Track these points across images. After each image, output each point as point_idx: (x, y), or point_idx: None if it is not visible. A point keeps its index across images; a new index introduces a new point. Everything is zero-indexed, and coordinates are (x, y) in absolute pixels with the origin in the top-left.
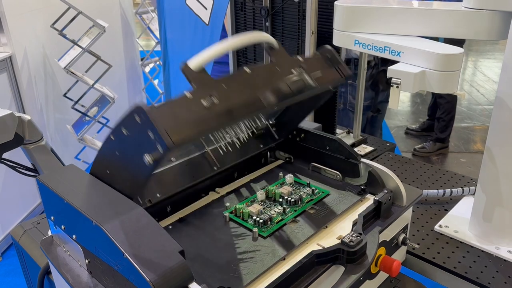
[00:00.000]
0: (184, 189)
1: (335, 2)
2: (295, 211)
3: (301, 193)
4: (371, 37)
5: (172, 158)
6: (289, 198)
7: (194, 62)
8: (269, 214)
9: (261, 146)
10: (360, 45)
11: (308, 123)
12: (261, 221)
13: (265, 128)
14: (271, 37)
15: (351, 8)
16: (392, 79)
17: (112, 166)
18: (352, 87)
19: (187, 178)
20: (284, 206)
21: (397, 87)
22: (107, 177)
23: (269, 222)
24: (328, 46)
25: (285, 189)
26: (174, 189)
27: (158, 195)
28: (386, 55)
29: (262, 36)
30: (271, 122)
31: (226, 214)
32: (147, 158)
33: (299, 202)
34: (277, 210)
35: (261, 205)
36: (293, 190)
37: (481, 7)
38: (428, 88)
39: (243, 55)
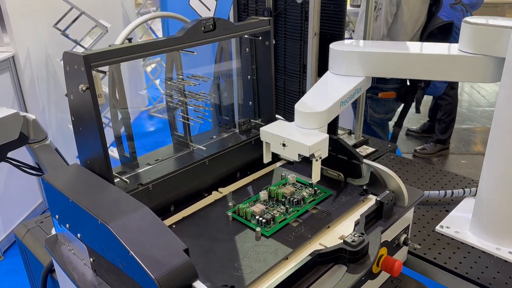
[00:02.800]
0: (187, 189)
1: (331, 45)
2: (298, 211)
3: (304, 193)
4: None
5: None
6: (292, 198)
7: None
8: (272, 213)
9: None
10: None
11: None
12: (264, 220)
13: None
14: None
15: (347, 53)
16: (313, 154)
17: None
18: (371, 100)
19: (190, 178)
20: (287, 206)
21: (316, 160)
22: None
23: (271, 222)
24: None
25: (288, 189)
26: (177, 188)
27: (148, 179)
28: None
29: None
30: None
31: (229, 213)
32: None
33: (302, 202)
34: (279, 210)
35: (264, 205)
36: (296, 190)
37: (476, 52)
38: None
39: None
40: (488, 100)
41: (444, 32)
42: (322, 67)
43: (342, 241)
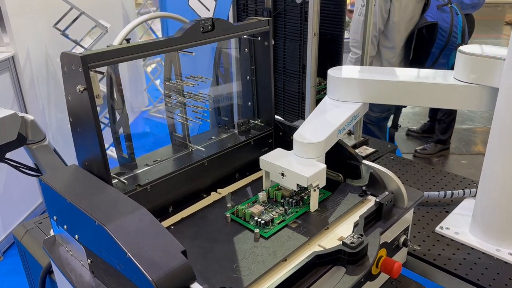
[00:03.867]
0: (185, 190)
1: (329, 72)
2: (297, 212)
3: (303, 194)
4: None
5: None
6: (291, 199)
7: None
8: (271, 215)
9: (263, 147)
10: None
11: None
12: (262, 222)
13: (266, 129)
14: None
15: (345, 80)
16: (312, 185)
17: None
18: None
19: (189, 179)
20: (286, 207)
21: (315, 190)
22: None
23: (270, 223)
24: None
25: (287, 190)
26: (176, 189)
27: (146, 180)
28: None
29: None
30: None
31: (228, 215)
32: None
33: (301, 203)
34: (278, 211)
35: (263, 206)
36: (295, 191)
37: (470, 81)
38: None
39: None
40: None
41: (431, 32)
42: (322, 67)
43: (341, 242)
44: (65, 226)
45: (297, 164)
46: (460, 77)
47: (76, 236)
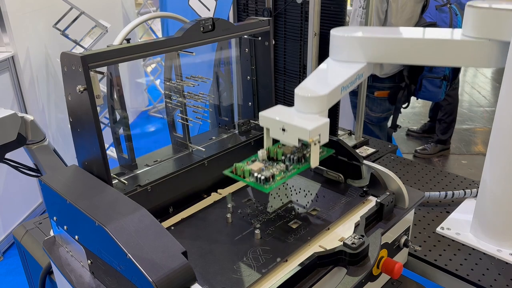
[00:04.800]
0: (186, 190)
1: (332, 31)
2: (298, 168)
3: (304, 151)
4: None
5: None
6: (292, 156)
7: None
8: (271, 171)
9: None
10: None
11: None
12: (262, 177)
13: None
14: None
15: (348, 39)
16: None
17: None
18: (368, 99)
19: (189, 179)
20: (287, 163)
21: (315, 144)
22: None
23: (271, 179)
24: None
25: (288, 149)
26: (176, 189)
27: (147, 180)
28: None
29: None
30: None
31: (228, 215)
32: None
33: (303, 160)
34: (279, 167)
35: (263, 163)
36: (296, 149)
37: (480, 36)
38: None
39: None
40: (489, 100)
41: None
42: None
43: (342, 243)
44: (65, 227)
45: (299, 118)
46: (469, 33)
47: (76, 237)
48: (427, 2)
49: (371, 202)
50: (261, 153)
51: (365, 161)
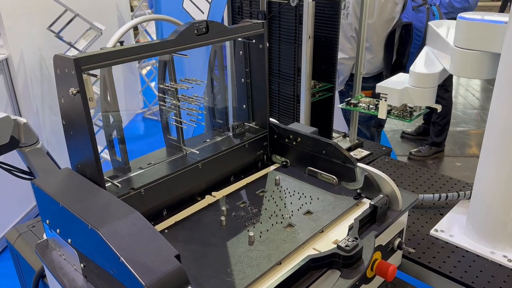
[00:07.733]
0: (180, 193)
1: (429, 23)
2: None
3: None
4: None
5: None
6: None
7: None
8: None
9: (257, 150)
10: None
11: (305, 127)
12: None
13: (261, 131)
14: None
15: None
16: (381, 94)
17: None
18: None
19: (183, 182)
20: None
21: (385, 100)
22: None
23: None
24: None
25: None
26: (170, 192)
27: (140, 183)
28: None
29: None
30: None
31: (223, 218)
32: None
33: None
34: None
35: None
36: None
37: (470, 48)
38: (410, 102)
39: None
40: (483, 102)
41: (408, 33)
42: (316, 70)
43: (335, 245)
44: (58, 230)
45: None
46: (460, 44)
47: (69, 240)
48: (405, 2)
49: (365, 204)
50: None
51: (359, 164)
